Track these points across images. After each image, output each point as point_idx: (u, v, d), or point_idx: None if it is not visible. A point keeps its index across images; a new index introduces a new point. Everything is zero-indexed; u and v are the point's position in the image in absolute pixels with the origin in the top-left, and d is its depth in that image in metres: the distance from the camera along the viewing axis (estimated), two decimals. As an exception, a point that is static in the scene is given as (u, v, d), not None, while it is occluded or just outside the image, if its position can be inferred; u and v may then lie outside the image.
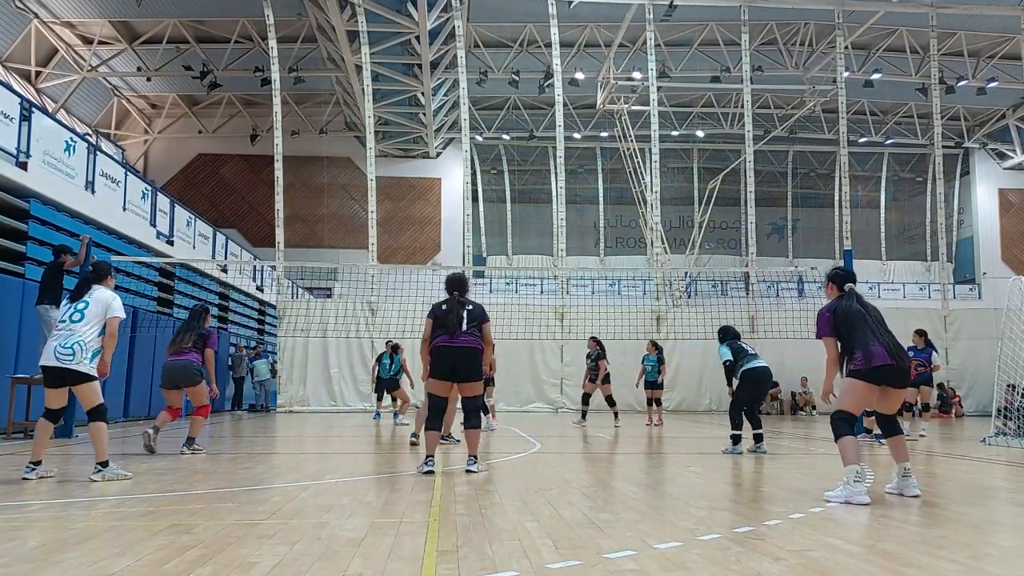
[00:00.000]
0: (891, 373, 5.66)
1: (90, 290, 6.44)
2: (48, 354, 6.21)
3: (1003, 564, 3.58)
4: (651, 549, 3.80)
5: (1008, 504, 5.79)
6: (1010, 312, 11.80)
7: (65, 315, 6.35)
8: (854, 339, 5.76)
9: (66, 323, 6.29)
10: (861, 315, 5.82)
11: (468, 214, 24.80)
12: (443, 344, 6.88)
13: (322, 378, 21.65)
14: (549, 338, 21.16)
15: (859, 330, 5.74)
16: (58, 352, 6.16)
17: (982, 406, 21.58)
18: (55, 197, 13.39)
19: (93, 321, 6.31)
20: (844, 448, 5.63)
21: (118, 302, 6.49)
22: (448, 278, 7.29)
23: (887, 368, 5.62)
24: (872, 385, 5.69)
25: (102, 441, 6.28)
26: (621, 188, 35.46)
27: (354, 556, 3.63)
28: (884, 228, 39.98)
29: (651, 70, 25.44)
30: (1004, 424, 11.50)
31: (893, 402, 5.88)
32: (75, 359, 6.16)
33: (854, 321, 5.79)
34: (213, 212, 32.64)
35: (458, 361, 6.87)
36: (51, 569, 3.36)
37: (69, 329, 6.25)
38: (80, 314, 6.30)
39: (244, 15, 27.04)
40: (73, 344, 6.17)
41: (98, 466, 6.20)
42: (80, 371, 6.20)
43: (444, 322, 6.95)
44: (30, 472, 6.18)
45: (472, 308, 7.04)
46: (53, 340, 6.26)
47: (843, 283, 6.09)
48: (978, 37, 28.77)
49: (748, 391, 9.45)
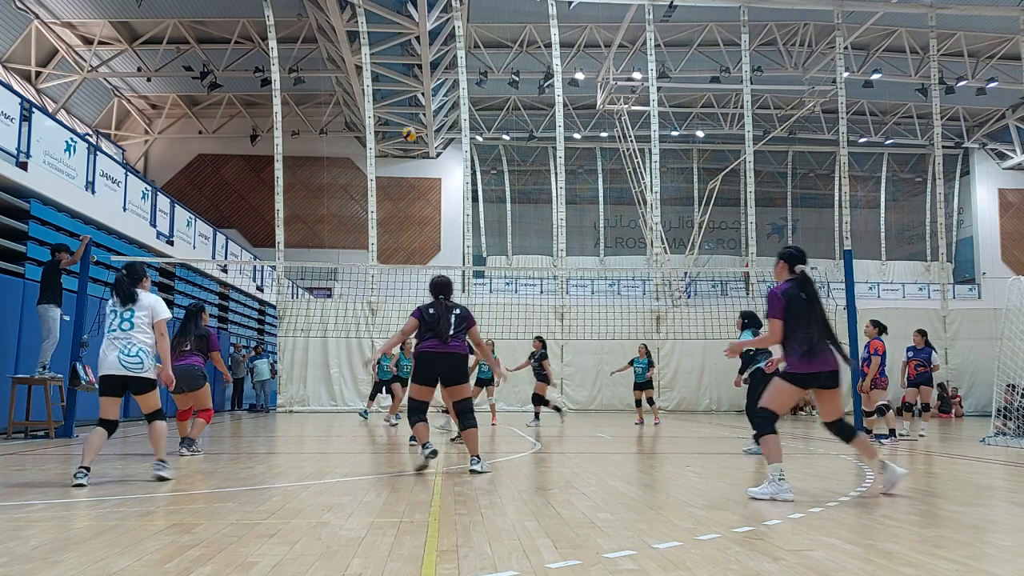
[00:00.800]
0: (825, 378, 5.60)
1: (134, 295, 6.40)
2: (111, 363, 6.14)
3: (1002, 564, 3.58)
4: (650, 549, 3.81)
5: (1007, 504, 5.80)
6: (1010, 312, 11.81)
7: (114, 323, 6.29)
8: (794, 334, 5.60)
9: (117, 331, 6.24)
10: (806, 307, 5.64)
11: (468, 214, 24.81)
12: (432, 349, 6.95)
13: (322, 378, 21.65)
14: (549, 338, 21.12)
15: (801, 326, 5.58)
16: (124, 361, 6.13)
17: (982, 406, 21.59)
18: (55, 197, 13.40)
19: (145, 326, 6.32)
20: (767, 445, 5.63)
21: (163, 304, 6.53)
22: (434, 281, 7.32)
23: (823, 374, 5.57)
24: (801, 388, 5.65)
25: (163, 440, 6.46)
26: (621, 188, 35.46)
27: (354, 556, 3.63)
28: (884, 228, 39.97)
29: (651, 70, 25.45)
30: (1004, 424, 11.51)
31: (834, 405, 5.76)
32: (143, 367, 6.21)
33: (797, 311, 5.62)
34: (213, 212, 32.65)
35: (446, 367, 6.99)
36: (51, 568, 3.37)
37: (126, 337, 6.22)
38: (130, 323, 6.27)
39: (244, 15, 27.04)
40: (138, 351, 6.19)
41: (160, 463, 6.37)
42: (147, 378, 6.26)
43: (434, 327, 7.00)
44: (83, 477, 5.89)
45: (459, 312, 7.12)
46: (111, 348, 6.19)
47: (795, 264, 5.84)
48: (978, 37, 28.77)
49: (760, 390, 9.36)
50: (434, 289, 7.27)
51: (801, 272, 5.82)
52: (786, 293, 5.72)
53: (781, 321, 5.66)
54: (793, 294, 5.70)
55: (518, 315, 18.56)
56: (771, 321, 5.71)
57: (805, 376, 5.61)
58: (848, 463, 8.44)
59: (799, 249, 6.02)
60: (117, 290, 6.42)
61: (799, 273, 5.81)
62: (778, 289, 5.78)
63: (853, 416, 12.10)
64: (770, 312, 5.72)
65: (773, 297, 5.74)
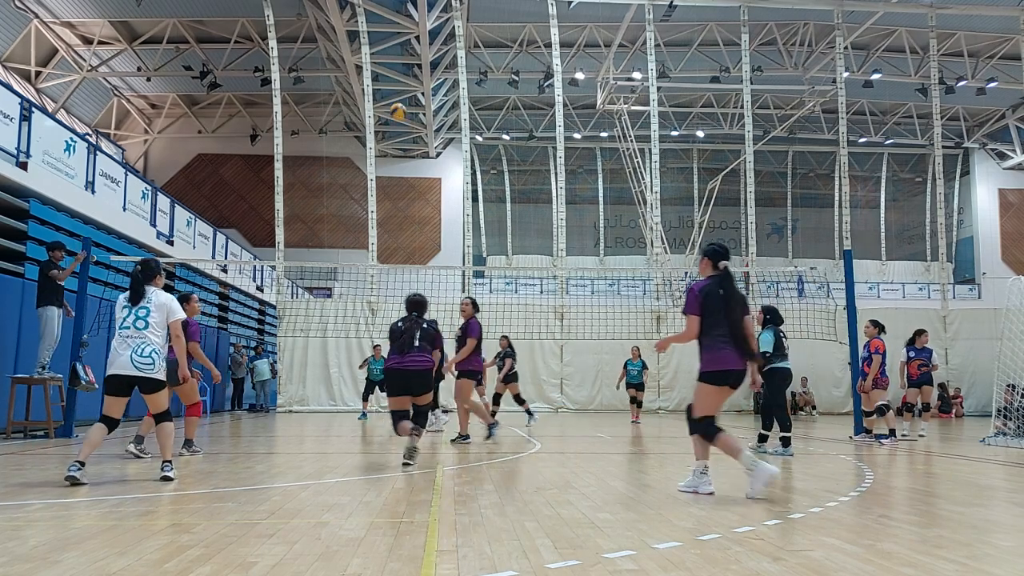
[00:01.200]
0: (737, 377, 5.64)
1: (147, 293, 6.35)
2: (123, 363, 6.08)
3: (1002, 564, 3.58)
4: (650, 549, 3.80)
5: (1007, 504, 5.79)
6: (1010, 312, 11.81)
7: (128, 321, 6.22)
8: (709, 331, 5.63)
9: (130, 330, 6.18)
10: (722, 304, 5.64)
11: (468, 214, 24.81)
12: (394, 366, 7.59)
13: (322, 378, 21.65)
14: (549, 338, 21.18)
15: (716, 324, 5.61)
16: (137, 362, 6.08)
17: (982, 406, 21.59)
18: (55, 197, 13.40)
19: (159, 326, 6.28)
20: (697, 444, 5.76)
21: (176, 303, 6.49)
22: (409, 299, 8.00)
23: (734, 373, 5.61)
24: (720, 387, 5.68)
25: (170, 440, 6.45)
26: (621, 188, 35.45)
27: (354, 556, 3.63)
28: (884, 228, 39.98)
29: (651, 70, 25.45)
30: (1004, 424, 11.50)
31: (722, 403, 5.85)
32: (155, 367, 6.18)
33: (714, 308, 5.64)
34: (213, 212, 32.66)
35: (409, 381, 7.60)
36: (51, 568, 3.36)
37: (140, 336, 6.17)
38: (144, 321, 6.22)
39: (244, 15, 27.04)
40: (151, 352, 6.15)
41: (167, 463, 6.34)
42: (158, 379, 6.24)
43: (397, 341, 7.65)
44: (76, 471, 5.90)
45: (426, 327, 7.75)
46: (123, 348, 6.12)
47: (718, 260, 5.83)
48: (978, 37, 28.77)
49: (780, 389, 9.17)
50: (409, 307, 7.97)
51: (724, 269, 5.82)
52: (703, 290, 5.74)
53: (697, 317, 5.68)
54: (711, 291, 5.72)
55: (518, 315, 18.54)
56: (688, 317, 5.72)
57: (716, 374, 5.63)
58: (848, 463, 8.44)
59: (722, 245, 6.02)
60: (132, 286, 6.38)
61: (722, 270, 5.82)
62: (697, 285, 5.81)
63: (853, 416, 12.11)
64: (686, 308, 5.75)
65: (690, 293, 5.78)
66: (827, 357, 21.82)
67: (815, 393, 23.01)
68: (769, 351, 9.11)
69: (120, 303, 6.40)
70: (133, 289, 6.36)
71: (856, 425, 11.75)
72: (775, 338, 9.23)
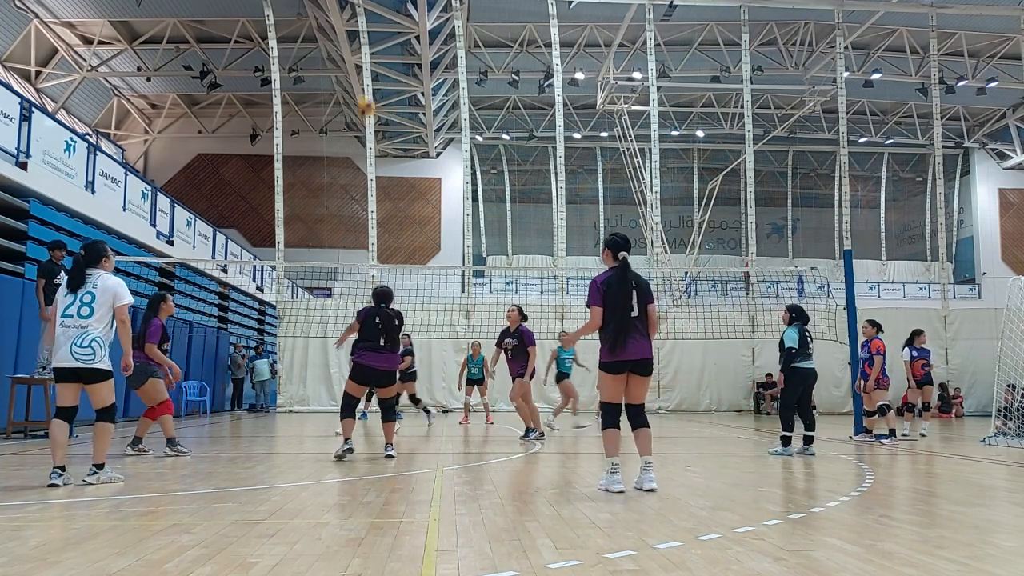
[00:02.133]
0: (632, 365, 5.79)
1: (90, 277, 5.96)
2: (64, 355, 5.81)
3: (1003, 564, 3.58)
4: (651, 549, 3.80)
5: (1008, 504, 5.79)
6: (1010, 312, 11.80)
7: (71, 309, 5.87)
8: (607, 323, 5.78)
9: (74, 318, 5.85)
10: (621, 294, 5.78)
11: (468, 214, 24.80)
12: (369, 364, 7.90)
13: (322, 378, 21.63)
14: (549, 338, 21.13)
15: (614, 317, 5.76)
16: (76, 353, 5.79)
17: (982, 406, 21.58)
18: (55, 197, 13.40)
19: (103, 313, 5.91)
20: (604, 439, 5.90)
21: (124, 287, 6.06)
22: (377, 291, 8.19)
23: (629, 362, 5.77)
24: (618, 375, 5.82)
25: (106, 443, 6.05)
26: (621, 188, 35.44)
27: (354, 556, 3.63)
28: (884, 228, 39.96)
29: (651, 70, 25.43)
30: (1004, 424, 11.50)
31: (639, 391, 5.91)
32: (96, 358, 5.84)
33: (614, 299, 5.78)
34: (213, 212, 32.64)
35: (379, 378, 8.04)
36: (51, 569, 3.36)
37: (80, 326, 5.84)
38: (89, 308, 5.87)
39: (244, 15, 27.03)
40: (91, 342, 5.82)
41: (94, 468, 5.98)
42: (100, 368, 5.89)
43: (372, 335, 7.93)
44: (57, 478, 5.75)
45: (397, 324, 8.02)
46: (64, 338, 5.83)
47: (618, 251, 5.98)
48: (978, 37, 28.75)
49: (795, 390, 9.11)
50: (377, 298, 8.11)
51: (623, 259, 5.94)
52: (605, 281, 5.87)
53: (600, 308, 5.83)
54: (612, 282, 5.85)
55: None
56: (591, 309, 5.88)
57: (613, 364, 5.81)
58: (848, 463, 8.43)
59: (623, 236, 6.14)
60: (73, 270, 5.96)
61: (621, 260, 5.94)
62: (599, 277, 5.93)
63: (854, 416, 12.11)
64: (589, 300, 5.89)
65: (592, 285, 5.90)
66: (827, 357, 21.59)
67: (815, 393, 22.96)
68: (795, 348, 8.97)
69: (61, 289, 6.03)
70: (73, 274, 5.95)
71: (856, 425, 11.75)
72: (800, 336, 9.06)
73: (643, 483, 5.74)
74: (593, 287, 5.85)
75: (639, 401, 5.92)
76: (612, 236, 6.09)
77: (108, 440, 6.09)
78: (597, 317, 5.82)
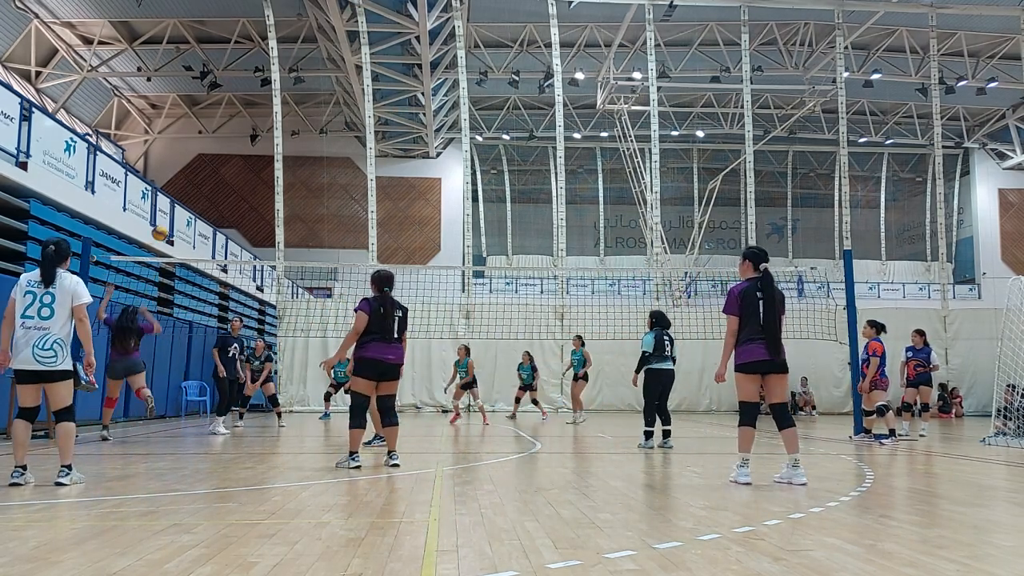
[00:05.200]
0: (768, 366, 6.13)
1: (55, 276, 5.91)
2: (25, 358, 5.78)
3: (1003, 564, 3.58)
4: (651, 549, 3.80)
5: (1008, 504, 5.79)
6: (1010, 312, 11.80)
7: (32, 309, 5.81)
8: (742, 329, 6.12)
9: (35, 319, 5.81)
10: (756, 304, 6.13)
11: (468, 214, 24.80)
12: (378, 357, 7.15)
13: (322, 378, 21.61)
14: (549, 338, 21.17)
15: (749, 321, 6.11)
16: (38, 355, 5.77)
17: (982, 406, 21.59)
18: (55, 197, 13.39)
19: (63, 313, 5.89)
20: (739, 436, 6.30)
21: (83, 286, 6.04)
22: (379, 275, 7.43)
23: (763, 363, 6.11)
24: (753, 375, 6.18)
25: (71, 442, 6.03)
26: (621, 188, 35.44)
27: (354, 556, 3.63)
28: (884, 228, 39.96)
29: (651, 70, 25.44)
30: (1004, 424, 11.50)
31: (777, 391, 6.23)
32: (58, 360, 5.85)
33: (749, 308, 6.13)
34: (213, 212, 32.62)
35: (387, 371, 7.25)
36: (51, 569, 3.36)
37: (41, 328, 5.81)
38: (50, 309, 5.84)
39: (244, 15, 27.02)
40: (52, 344, 5.81)
41: (64, 469, 5.95)
42: (60, 369, 5.88)
43: (381, 327, 7.15)
44: (19, 477, 5.85)
45: (402, 315, 7.36)
46: (24, 340, 5.78)
47: (758, 263, 6.34)
48: (978, 37, 28.75)
49: (653, 389, 9.80)
50: (380, 282, 7.33)
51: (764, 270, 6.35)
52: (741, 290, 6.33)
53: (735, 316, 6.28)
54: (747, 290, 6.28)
55: (518, 315, 18.54)
56: (728, 317, 6.38)
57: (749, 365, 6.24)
58: (848, 463, 8.44)
59: (760, 249, 6.56)
60: (43, 268, 5.91)
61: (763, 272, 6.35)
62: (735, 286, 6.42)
63: (853, 416, 12.10)
64: (726, 308, 6.39)
65: (729, 294, 6.41)
66: (827, 357, 21.83)
67: (815, 393, 23.01)
68: (648, 351, 9.76)
69: (22, 287, 5.91)
70: (45, 271, 5.89)
71: (856, 425, 11.75)
72: (656, 340, 9.79)
73: (791, 478, 6.04)
74: (731, 297, 6.28)
75: (782, 400, 6.27)
76: (752, 249, 6.54)
77: (72, 440, 6.07)
78: (732, 324, 6.22)
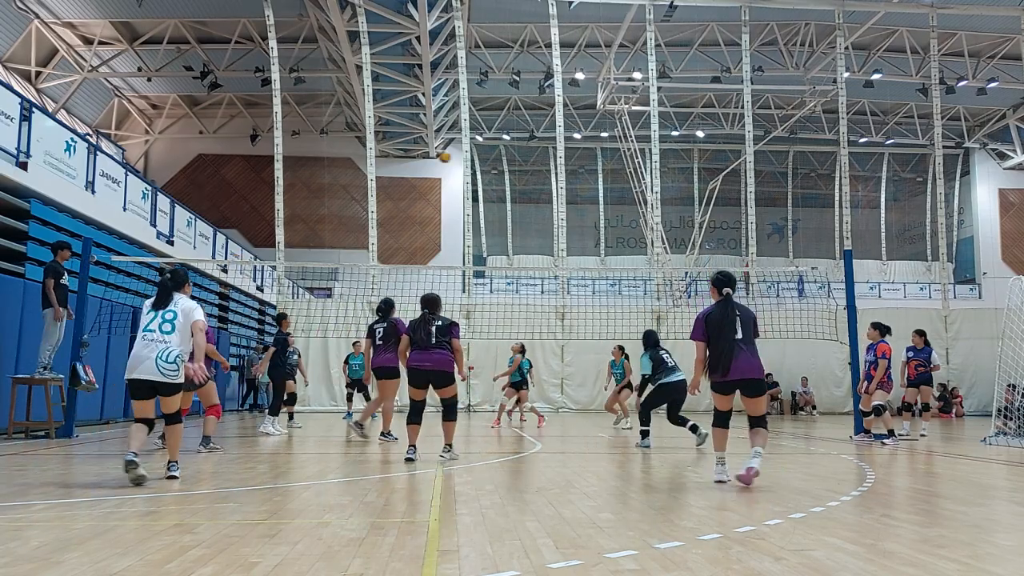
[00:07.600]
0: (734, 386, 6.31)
1: (173, 299, 6.44)
2: (149, 368, 6.12)
3: (1003, 563, 3.58)
4: (652, 549, 3.81)
5: (1009, 503, 5.79)
6: (1010, 312, 11.80)
7: (153, 324, 6.28)
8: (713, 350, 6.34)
9: (155, 333, 6.24)
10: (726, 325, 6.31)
11: (468, 214, 24.80)
12: (416, 365, 7.85)
13: (322, 378, 21.64)
14: (550, 338, 21.16)
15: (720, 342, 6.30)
16: (163, 367, 6.12)
17: (982, 406, 21.58)
18: (55, 197, 13.40)
19: (183, 331, 6.34)
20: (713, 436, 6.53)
21: (200, 311, 6.56)
22: (423, 298, 8.19)
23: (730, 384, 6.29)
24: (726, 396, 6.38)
25: (179, 441, 6.63)
26: (621, 188, 35.46)
27: (355, 556, 3.63)
28: (884, 228, 39.97)
29: (651, 70, 25.43)
30: (1004, 424, 11.50)
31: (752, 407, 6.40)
32: (179, 373, 6.25)
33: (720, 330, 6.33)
34: (214, 212, 32.61)
35: (430, 377, 7.86)
36: (53, 569, 3.37)
37: (164, 341, 6.21)
38: (171, 324, 6.28)
39: (244, 15, 27.03)
40: (176, 357, 6.21)
41: (174, 463, 6.45)
42: (178, 383, 6.30)
43: (414, 337, 7.97)
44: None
45: (440, 324, 7.93)
46: (147, 352, 6.16)
47: (722, 288, 6.54)
48: (978, 37, 28.75)
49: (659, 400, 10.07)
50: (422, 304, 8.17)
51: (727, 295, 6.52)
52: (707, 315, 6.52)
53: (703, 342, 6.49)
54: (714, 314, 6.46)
55: (519, 315, 18.52)
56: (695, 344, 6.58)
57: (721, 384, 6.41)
58: (849, 463, 8.44)
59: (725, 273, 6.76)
60: (159, 292, 6.48)
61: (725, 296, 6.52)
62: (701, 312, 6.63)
63: (854, 416, 12.10)
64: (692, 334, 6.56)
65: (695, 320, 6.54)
66: (827, 357, 21.82)
67: (815, 393, 22.99)
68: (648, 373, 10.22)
69: (146, 307, 6.50)
70: (160, 296, 6.45)
71: (856, 425, 11.75)
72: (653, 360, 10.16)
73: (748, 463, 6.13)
74: (696, 323, 6.45)
75: (758, 414, 6.42)
76: (718, 275, 6.69)
77: (180, 439, 6.66)
78: (700, 350, 6.41)
